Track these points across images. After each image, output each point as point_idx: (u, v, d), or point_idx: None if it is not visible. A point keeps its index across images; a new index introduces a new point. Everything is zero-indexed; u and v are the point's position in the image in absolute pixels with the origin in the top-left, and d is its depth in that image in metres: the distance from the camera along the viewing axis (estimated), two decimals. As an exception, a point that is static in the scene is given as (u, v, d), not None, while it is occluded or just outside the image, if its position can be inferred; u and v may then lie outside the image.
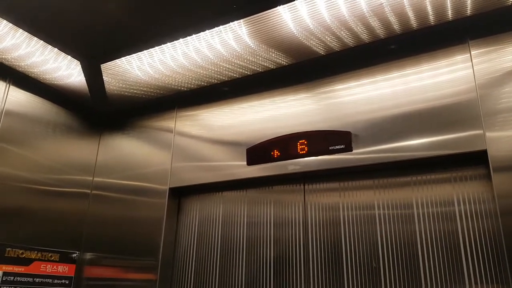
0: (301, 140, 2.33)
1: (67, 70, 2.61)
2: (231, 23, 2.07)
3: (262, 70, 2.47)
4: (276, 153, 2.38)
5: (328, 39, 2.15)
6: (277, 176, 2.39)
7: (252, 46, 2.24)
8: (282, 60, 2.36)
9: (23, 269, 2.51)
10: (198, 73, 2.54)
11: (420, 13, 1.95)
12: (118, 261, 2.71)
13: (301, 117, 2.41)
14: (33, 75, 2.68)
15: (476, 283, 1.83)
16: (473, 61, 2.02)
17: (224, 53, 2.31)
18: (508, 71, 1.92)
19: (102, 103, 2.98)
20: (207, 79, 2.60)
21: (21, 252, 2.52)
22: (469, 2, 1.87)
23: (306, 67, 2.44)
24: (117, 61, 2.45)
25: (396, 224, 2.06)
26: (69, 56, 2.46)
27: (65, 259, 2.76)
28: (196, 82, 2.64)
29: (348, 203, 2.22)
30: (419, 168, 2.09)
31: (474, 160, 1.95)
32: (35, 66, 2.58)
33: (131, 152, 2.99)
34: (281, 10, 1.98)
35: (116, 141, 3.12)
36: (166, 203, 2.67)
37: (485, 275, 1.82)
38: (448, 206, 1.98)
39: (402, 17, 1.98)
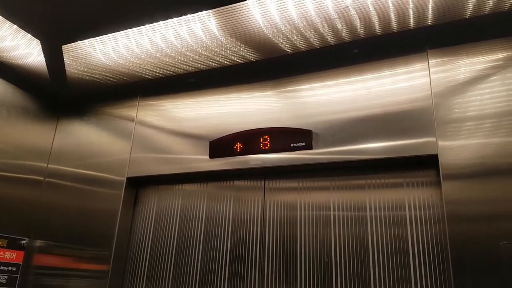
0: (264, 136, 2.36)
1: (26, 49, 2.50)
2: (199, 13, 2.06)
3: (230, 64, 2.47)
4: (239, 147, 2.40)
5: (296, 38, 2.19)
6: (239, 170, 2.41)
7: (220, 39, 2.24)
8: (250, 55, 2.37)
9: (-35, 254, 2.40)
10: (164, 62, 2.50)
11: (384, 19, 2.02)
12: (70, 250, 2.63)
13: (265, 113, 2.43)
14: (-12, 52, 2.56)
15: (421, 286, 1.90)
16: (431, 70, 2.10)
17: (191, 43, 2.29)
18: (462, 82, 2.01)
19: (61, 86, 2.87)
20: (172, 68, 2.57)
21: (-36, 236, 2.40)
22: (430, 11, 1.95)
23: (273, 65, 2.47)
24: (80, 43, 2.37)
25: (350, 225, 2.12)
26: (29, 34, 2.35)
27: (13, 245, 2.64)
28: (161, 70, 2.60)
29: (305, 203, 2.26)
30: (374, 170, 2.15)
31: (426, 165, 2.03)
32: (-9, 42, 2.46)
33: (89, 139, 2.91)
34: (250, 4, 1.99)
35: (74, 127, 3.02)
36: (123, 193, 2.62)
37: (430, 279, 1.90)
38: (399, 211, 2.05)
39: (366, 21, 2.04)
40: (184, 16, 2.09)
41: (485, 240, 1.73)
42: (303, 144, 2.24)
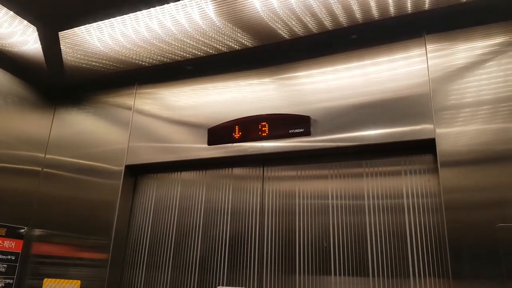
0: (262, 122, 2.36)
1: (22, 36, 2.47)
2: (197, -3, 2.05)
3: (227, 50, 2.46)
4: (237, 134, 2.40)
5: (293, 23, 2.18)
6: (238, 157, 2.41)
7: (218, 24, 2.23)
8: (248, 41, 2.36)
9: (-35, 243, 2.40)
10: (161, 48, 2.48)
11: (381, 3, 2.01)
12: (69, 239, 2.63)
13: (264, 100, 2.43)
14: (-16, 39, 2.54)
15: (419, 272, 1.91)
16: (428, 55, 2.09)
17: (188, 28, 2.28)
18: (459, 67, 2.01)
19: (58, 75, 2.85)
20: (170, 55, 2.55)
21: (-36, 225, 2.40)
22: (427, -5, 1.95)
23: (270, 51, 2.46)
24: (76, 29, 2.35)
25: (348, 213, 2.13)
26: (25, 21, 2.33)
27: (12, 234, 2.65)
28: (159, 57, 2.58)
29: (303, 191, 2.27)
30: (372, 156, 2.16)
31: (424, 151, 2.05)
32: (-13, 29, 2.44)
33: (87, 129, 2.90)
34: (248, -11, 1.98)
35: (71, 116, 3.01)
36: (122, 182, 2.62)
37: (428, 266, 1.91)
38: (397, 197, 2.06)
39: (363, 5, 2.03)
40: (181, 1, 2.08)
41: (482, 226, 1.75)
42: (301, 130, 2.25)
